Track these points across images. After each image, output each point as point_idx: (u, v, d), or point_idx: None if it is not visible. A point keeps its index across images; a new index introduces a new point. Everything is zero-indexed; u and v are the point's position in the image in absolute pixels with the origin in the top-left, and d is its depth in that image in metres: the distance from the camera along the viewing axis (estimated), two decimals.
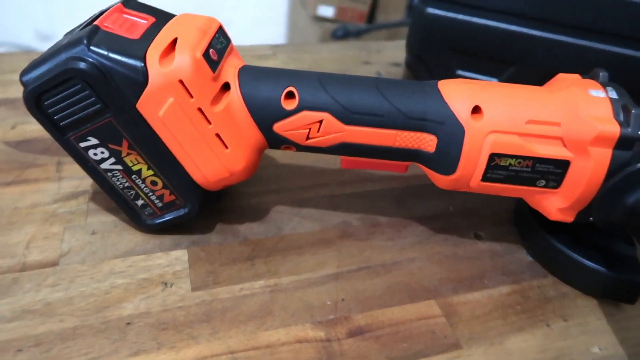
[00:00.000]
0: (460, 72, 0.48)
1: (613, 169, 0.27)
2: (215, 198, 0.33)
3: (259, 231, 0.33)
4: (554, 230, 0.32)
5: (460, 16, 0.45)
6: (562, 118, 0.28)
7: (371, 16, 1.74)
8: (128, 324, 0.27)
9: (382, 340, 0.27)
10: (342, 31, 1.54)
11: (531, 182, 0.29)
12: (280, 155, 0.40)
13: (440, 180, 0.30)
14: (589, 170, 0.27)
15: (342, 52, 0.59)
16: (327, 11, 1.71)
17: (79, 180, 0.36)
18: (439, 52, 0.47)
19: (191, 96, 0.26)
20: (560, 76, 0.31)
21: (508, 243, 0.34)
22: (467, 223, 0.36)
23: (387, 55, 0.59)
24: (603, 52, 0.42)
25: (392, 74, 0.55)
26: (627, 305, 0.31)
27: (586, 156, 0.27)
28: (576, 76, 0.30)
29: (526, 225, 0.34)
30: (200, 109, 0.27)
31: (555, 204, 0.29)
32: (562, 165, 0.28)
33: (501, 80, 0.47)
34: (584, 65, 0.42)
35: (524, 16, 0.43)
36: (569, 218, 0.30)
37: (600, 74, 0.30)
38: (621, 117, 0.27)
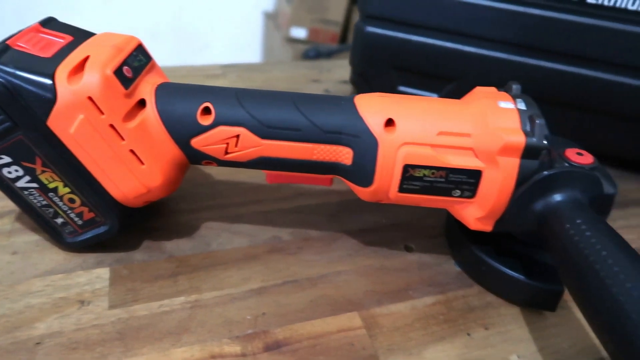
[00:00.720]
0: (401, 89, 0.49)
1: (522, 178, 0.28)
2: (141, 215, 0.33)
3: (186, 248, 0.33)
4: (478, 240, 0.33)
5: (399, 34, 0.46)
6: (472, 129, 0.28)
7: (343, 37, 1.77)
8: (38, 344, 0.26)
9: (299, 353, 0.27)
10: (313, 52, 1.56)
11: (447, 193, 0.29)
12: (216, 172, 0.40)
13: (361, 192, 0.30)
14: (499, 180, 0.28)
15: (293, 71, 0.60)
16: (299, 33, 1.73)
17: (6, 200, 0.35)
18: (380, 69, 0.48)
19: (102, 113, 0.27)
20: (477, 89, 0.32)
21: (438, 254, 0.35)
22: (399, 235, 0.36)
23: (337, 74, 0.60)
24: (534, 67, 0.43)
25: (341, 91, 0.56)
26: (549, 313, 0.31)
27: (495, 166, 0.28)
28: (492, 89, 0.31)
29: (453, 235, 0.35)
30: (112, 125, 0.27)
31: (473, 214, 0.30)
32: (475, 175, 0.28)
33: (441, 95, 0.48)
34: (517, 80, 0.43)
35: (459, 34, 0.45)
36: (487, 227, 0.30)
37: (514, 86, 0.31)
38: (528, 128, 0.28)
